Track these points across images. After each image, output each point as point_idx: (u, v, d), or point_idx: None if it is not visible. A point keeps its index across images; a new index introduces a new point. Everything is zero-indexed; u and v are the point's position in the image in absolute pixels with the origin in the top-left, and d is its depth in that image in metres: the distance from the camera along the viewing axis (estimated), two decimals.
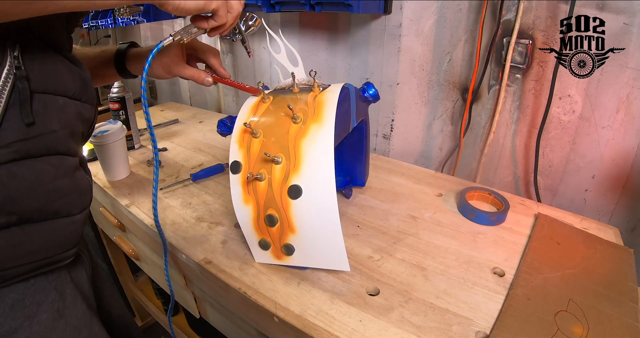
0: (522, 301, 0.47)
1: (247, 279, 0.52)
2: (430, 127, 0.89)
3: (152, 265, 0.79)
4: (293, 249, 0.49)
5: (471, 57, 0.76)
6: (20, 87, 0.35)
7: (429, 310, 0.46)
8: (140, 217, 0.66)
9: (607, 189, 0.71)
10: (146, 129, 1.07)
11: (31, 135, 0.36)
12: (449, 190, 0.73)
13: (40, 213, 0.38)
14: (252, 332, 0.59)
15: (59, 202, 0.39)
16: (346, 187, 0.71)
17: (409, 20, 0.81)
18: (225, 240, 0.60)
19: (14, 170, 0.35)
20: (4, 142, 0.34)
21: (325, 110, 0.47)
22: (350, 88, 0.56)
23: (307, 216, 0.46)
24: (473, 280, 0.51)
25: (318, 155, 0.45)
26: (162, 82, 1.55)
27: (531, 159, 0.76)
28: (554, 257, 0.54)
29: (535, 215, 0.65)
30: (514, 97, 0.75)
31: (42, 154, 0.38)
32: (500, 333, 0.42)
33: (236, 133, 0.50)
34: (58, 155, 0.40)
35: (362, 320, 0.45)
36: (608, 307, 0.46)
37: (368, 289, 0.50)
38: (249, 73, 1.21)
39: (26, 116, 0.35)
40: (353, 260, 0.55)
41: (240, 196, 0.49)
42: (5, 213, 0.35)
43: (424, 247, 0.57)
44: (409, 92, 0.88)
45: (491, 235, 0.60)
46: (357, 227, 0.63)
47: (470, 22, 0.74)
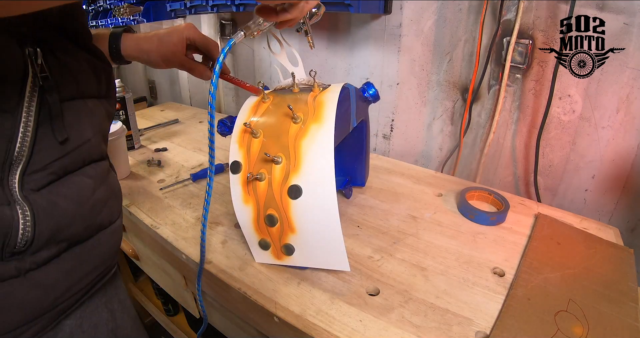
0: (522, 301, 0.46)
1: (247, 279, 0.52)
2: (430, 127, 0.89)
3: (152, 265, 0.79)
4: (293, 249, 0.49)
5: (471, 57, 0.76)
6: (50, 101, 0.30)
7: (429, 310, 0.46)
8: (140, 217, 0.66)
9: (607, 189, 0.71)
10: (146, 129, 1.07)
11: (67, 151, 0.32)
12: (449, 190, 0.73)
13: (86, 231, 0.35)
14: (252, 332, 0.59)
15: (101, 213, 0.37)
16: (346, 187, 0.71)
17: (409, 20, 0.81)
18: (225, 240, 0.60)
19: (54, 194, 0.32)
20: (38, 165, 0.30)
21: (325, 110, 0.47)
22: (350, 88, 0.56)
23: (307, 216, 0.46)
24: (473, 280, 0.51)
25: (318, 155, 0.45)
26: (162, 82, 1.55)
27: (531, 159, 0.76)
28: (554, 257, 0.54)
29: (535, 215, 0.65)
30: (514, 97, 0.75)
31: (79, 167, 0.35)
32: (500, 333, 0.42)
33: (236, 133, 0.50)
34: (93, 164, 0.37)
35: (362, 320, 0.45)
36: (608, 307, 0.46)
37: (368, 289, 0.50)
38: (249, 73, 1.21)
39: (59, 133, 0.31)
40: (353, 260, 0.55)
41: (240, 196, 0.49)
42: (55, 243, 0.32)
43: (424, 247, 0.57)
44: (409, 92, 0.88)
45: (491, 235, 0.60)
46: (357, 227, 0.63)
47: (470, 22, 0.74)
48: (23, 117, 0.29)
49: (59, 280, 0.33)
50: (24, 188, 0.30)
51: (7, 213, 0.29)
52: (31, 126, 0.29)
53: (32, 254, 0.31)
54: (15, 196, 0.29)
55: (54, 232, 0.32)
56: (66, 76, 0.33)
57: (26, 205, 0.29)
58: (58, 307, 0.33)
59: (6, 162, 0.29)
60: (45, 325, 0.33)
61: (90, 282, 0.36)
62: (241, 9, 0.87)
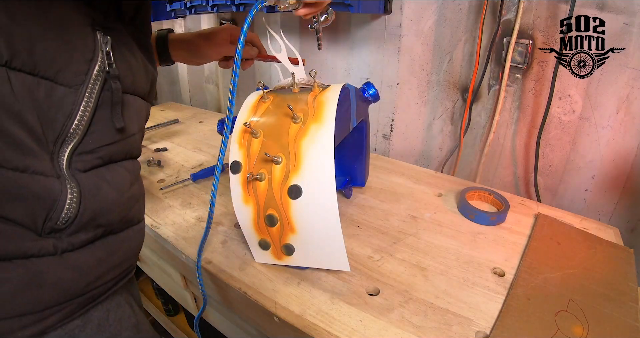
0: (522, 301, 0.46)
1: (247, 279, 0.52)
2: (430, 127, 0.89)
3: (152, 265, 0.79)
4: (293, 249, 0.49)
5: (471, 57, 0.76)
6: (113, 87, 0.31)
7: (429, 310, 0.46)
8: None
9: (607, 189, 0.71)
10: (146, 129, 1.07)
11: (117, 139, 0.33)
12: (449, 190, 0.73)
13: (121, 223, 0.36)
14: (252, 332, 0.59)
15: (133, 209, 0.38)
16: (346, 187, 0.71)
17: (409, 20, 0.81)
18: (225, 240, 0.60)
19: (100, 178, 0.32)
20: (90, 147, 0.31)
21: (325, 110, 0.47)
22: (350, 88, 0.56)
23: (307, 216, 0.46)
24: (473, 280, 0.51)
25: (318, 155, 0.45)
26: (162, 82, 1.54)
27: (531, 159, 0.76)
28: (554, 257, 0.54)
29: (535, 215, 0.65)
30: (514, 97, 0.75)
31: (121, 158, 0.35)
32: (500, 333, 0.42)
33: (236, 133, 0.50)
34: (132, 159, 0.37)
35: (362, 320, 0.45)
36: (608, 307, 0.46)
37: (368, 289, 0.50)
38: (249, 73, 1.21)
39: (117, 120, 0.32)
40: (353, 260, 0.55)
41: (240, 196, 0.49)
42: (93, 227, 0.33)
43: (424, 247, 0.57)
44: (409, 92, 0.88)
45: (491, 235, 0.60)
46: (357, 227, 0.63)
47: (470, 22, 0.74)
48: (85, 96, 0.30)
49: (92, 266, 0.33)
50: (71, 167, 0.30)
51: (57, 186, 0.29)
52: (91, 106, 0.30)
53: (70, 235, 0.31)
54: (64, 172, 0.30)
55: (95, 215, 0.32)
56: (126, 70, 0.34)
57: (75, 183, 0.30)
58: (89, 293, 0.33)
59: (60, 137, 0.29)
60: (75, 310, 0.33)
61: (117, 275, 0.37)
62: (241, 8, 0.87)
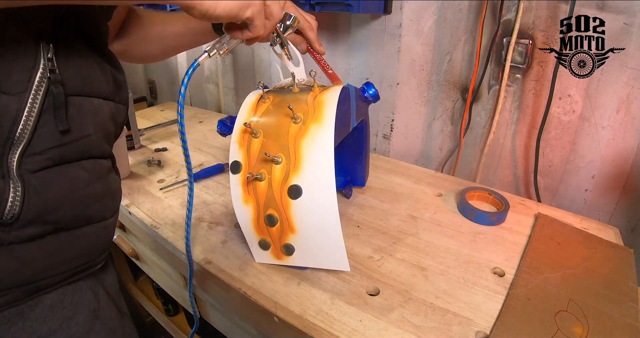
0: (522, 301, 0.47)
1: (247, 279, 0.52)
2: (430, 127, 0.89)
3: (152, 265, 0.79)
4: (293, 249, 0.49)
5: (471, 57, 0.76)
6: (54, 92, 0.33)
7: (429, 310, 0.46)
8: (140, 217, 0.66)
9: (607, 189, 0.71)
10: (146, 129, 1.07)
11: (66, 141, 0.35)
12: (449, 190, 0.73)
13: (75, 221, 0.37)
14: (252, 332, 0.59)
15: (93, 207, 0.39)
16: (346, 187, 0.71)
17: (409, 20, 0.81)
18: (225, 240, 0.60)
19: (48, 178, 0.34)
20: (37, 149, 0.33)
21: (325, 110, 0.47)
22: (350, 88, 0.56)
23: (307, 216, 0.46)
24: (473, 280, 0.51)
25: (318, 155, 0.45)
26: (162, 82, 1.54)
27: (531, 159, 0.76)
28: (554, 257, 0.54)
29: (535, 215, 0.65)
30: (514, 97, 0.75)
31: (76, 159, 0.36)
32: (500, 333, 0.42)
33: (236, 133, 0.50)
34: (92, 159, 0.38)
35: (362, 320, 0.45)
36: (608, 307, 0.46)
37: (368, 289, 0.50)
38: (249, 73, 1.21)
39: (61, 123, 0.34)
40: (353, 260, 0.55)
41: (240, 196, 0.49)
42: (41, 223, 0.34)
43: (424, 247, 0.57)
44: (409, 92, 0.88)
45: (491, 235, 0.60)
46: (357, 227, 0.63)
47: (470, 22, 0.74)
48: (29, 103, 0.32)
49: (38, 259, 0.35)
50: (21, 168, 0.32)
51: (0, 185, 0.32)
52: (35, 112, 0.32)
53: (18, 229, 0.33)
54: (12, 173, 0.32)
55: (41, 212, 0.34)
56: (74, 74, 0.35)
57: (19, 182, 0.32)
58: (34, 283, 0.36)
59: (8, 141, 0.32)
60: (20, 297, 0.35)
61: (72, 269, 0.38)
62: None
